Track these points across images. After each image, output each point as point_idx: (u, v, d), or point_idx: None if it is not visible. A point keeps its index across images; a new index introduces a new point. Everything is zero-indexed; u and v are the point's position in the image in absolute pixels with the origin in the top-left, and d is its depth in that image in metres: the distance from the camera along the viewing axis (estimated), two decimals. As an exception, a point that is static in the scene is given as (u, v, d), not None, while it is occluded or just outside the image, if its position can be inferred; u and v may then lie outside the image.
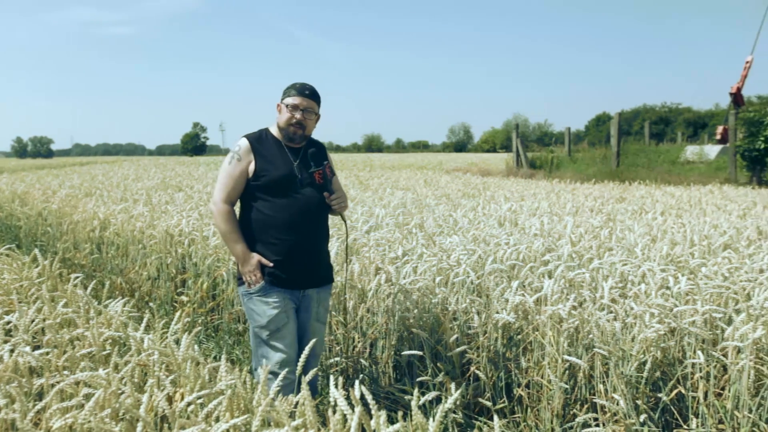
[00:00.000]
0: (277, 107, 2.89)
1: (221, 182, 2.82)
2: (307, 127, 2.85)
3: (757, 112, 17.52)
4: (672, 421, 2.84)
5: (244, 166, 2.79)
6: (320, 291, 2.94)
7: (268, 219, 2.78)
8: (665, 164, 20.54)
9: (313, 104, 2.85)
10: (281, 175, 2.78)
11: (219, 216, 2.80)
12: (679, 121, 60.47)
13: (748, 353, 2.54)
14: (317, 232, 2.89)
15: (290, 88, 2.84)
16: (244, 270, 2.78)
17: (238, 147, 2.82)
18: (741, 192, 11.45)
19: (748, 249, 4.40)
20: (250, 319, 2.86)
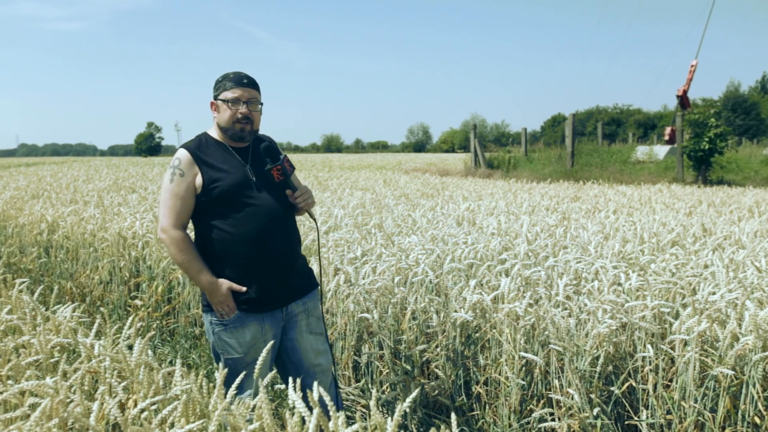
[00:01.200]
0: (211, 106, 2.50)
1: (166, 205, 2.41)
2: (255, 120, 2.48)
3: (701, 114, 18.23)
4: (623, 414, 2.92)
5: (189, 181, 2.40)
6: (306, 301, 2.60)
7: (229, 236, 2.40)
8: (617, 164, 21.15)
9: (256, 93, 2.48)
10: (235, 181, 2.41)
11: (172, 245, 2.39)
12: (630, 122, 62.41)
13: (693, 345, 2.64)
14: (288, 239, 2.53)
15: (224, 80, 2.45)
16: (214, 301, 2.41)
17: (178, 161, 2.42)
18: (688, 191, 11.90)
19: (693, 245, 4.57)
20: (221, 350, 2.49)
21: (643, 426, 2.73)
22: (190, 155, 2.43)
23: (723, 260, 3.89)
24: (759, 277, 3.40)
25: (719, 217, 6.94)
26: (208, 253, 2.45)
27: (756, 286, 3.23)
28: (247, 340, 2.44)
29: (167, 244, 2.42)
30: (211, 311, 2.47)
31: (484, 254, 4.12)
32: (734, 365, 2.61)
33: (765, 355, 2.53)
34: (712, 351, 2.72)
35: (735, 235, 5.08)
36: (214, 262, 2.44)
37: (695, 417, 2.62)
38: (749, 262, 3.75)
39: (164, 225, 2.41)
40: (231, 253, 2.42)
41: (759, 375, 2.56)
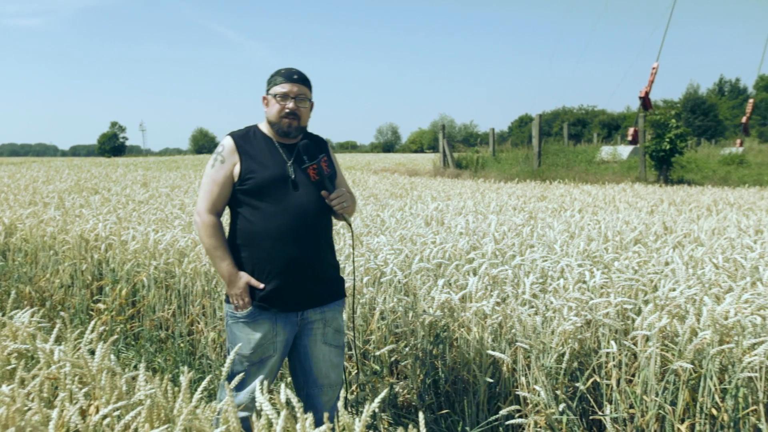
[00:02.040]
0: (263, 101, 2.51)
1: (204, 189, 2.44)
2: (302, 116, 2.46)
3: (662, 115, 18.74)
4: (588, 409, 2.98)
5: (228, 169, 2.41)
6: (325, 310, 2.51)
7: (257, 229, 2.38)
8: (583, 164, 21.58)
9: (305, 90, 2.46)
10: (271, 176, 2.39)
11: (203, 229, 2.41)
12: (594, 122, 63.66)
13: (654, 341, 2.71)
14: (317, 242, 2.46)
15: (275, 75, 2.47)
16: (231, 292, 2.41)
17: (222, 147, 2.45)
18: (650, 190, 12.21)
19: (655, 243, 4.69)
20: (230, 343, 2.49)
21: (607, 420, 2.79)
22: (233, 143, 2.45)
23: (683, 257, 4.00)
24: (716, 273, 3.50)
25: (679, 215, 7.14)
26: (234, 243, 2.45)
27: (713, 282, 3.33)
28: (257, 338, 2.40)
29: (198, 227, 2.45)
30: (229, 301, 2.48)
31: (452, 254, 4.15)
32: (693, 359, 2.68)
33: (721, 348, 2.61)
34: (672, 346, 2.79)
35: (694, 233, 5.23)
36: (238, 252, 2.43)
37: (656, 410, 2.68)
38: (707, 259, 3.86)
39: (199, 208, 2.45)
40: (254, 246, 2.40)
41: (716, 368, 2.64)
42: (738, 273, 3.59)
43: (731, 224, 5.94)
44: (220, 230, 2.43)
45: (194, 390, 3.07)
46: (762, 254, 4.05)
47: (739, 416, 2.59)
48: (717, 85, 70.29)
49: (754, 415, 2.56)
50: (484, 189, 11.69)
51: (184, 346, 4.00)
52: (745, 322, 2.68)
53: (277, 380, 3.48)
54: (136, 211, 6.55)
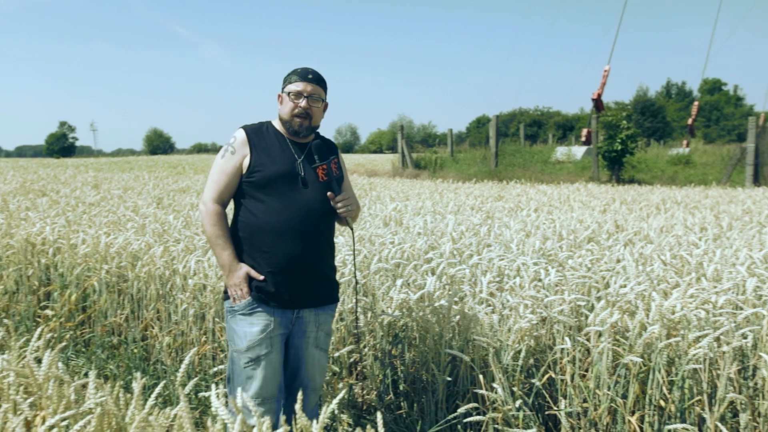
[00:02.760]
0: (278, 98, 2.53)
1: (212, 179, 2.46)
2: (314, 116, 2.47)
3: (614, 117, 19.32)
4: (544, 404, 3.04)
5: (238, 161, 2.43)
6: (319, 312, 2.51)
7: (260, 223, 2.39)
8: (538, 164, 22.03)
9: (319, 90, 2.48)
10: (280, 171, 2.40)
11: (207, 217, 2.42)
12: (550, 123, 65.08)
13: (606, 336, 2.78)
14: (319, 241, 2.47)
15: (291, 74, 2.49)
16: (230, 282, 2.40)
17: (234, 138, 2.47)
18: (603, 189, 12.55)
19: (607, 241, 4.82)
20: (229, 340, 2.47)
21: (562, 415, 2.85)
22: (245, 135, 2.46)
23: (633, 255, 4.13)
24: (664, 270, 3.63)
25: (630, 213, 7.37)
26: (236, 235, 2.45)
27: (661, 278, 3.45)
28: (254, 332, 2.38)
29: (202, 214, 2.45)
30: (227, 297, 2.46)
31: (410, 254, 4.17)
32: (642, 353, 2.77)
33: (669, 342, 2.70)
34: (623, 341, 2.88)
35: (644, 231, 5.40)
36: (239, 244, 2.44)
37: (608, 404, 2.76)
38: (656, 256, 3.99)
39: (205, 197, 2.46)
40: (256, 239, 2.40)
41: (663, 361, 2.73)
42: (684, 269, 3.72)
43: (678, 222, 6.17)
44: (224, 220, 2.44)
45: (148, 396, 2.99)
46: (706, 251, 4.22)
47: (685, 406, 2.69)
48: (665, 88, 72.87)
49: (699, 404, 2.67)
50: (442, 189, 11.80)
51: (138, 351, 3.90)
52: (690, 316, 2.79)
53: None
54: (86, 214, 6.34)
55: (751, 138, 16.94)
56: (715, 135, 50.01)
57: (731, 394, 2.54)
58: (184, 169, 22.63)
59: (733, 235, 5.12)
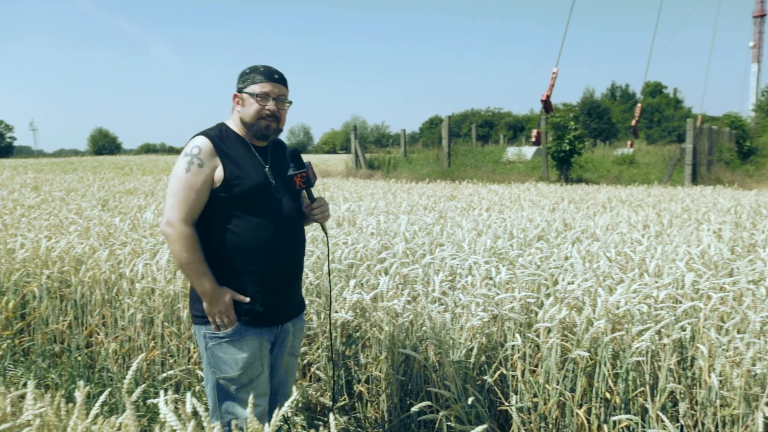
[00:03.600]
0: (234, 99, 2.31)
1: (177, 196, 2.15)
2: (281, 118, 2.31)
3: (562, 118, 19.84)
4: (496, 400, 3.10)
5: (208, 174, 2.17)
6: (295, 322, 2.44)
7: (240, 241, 2.19)
8: (490, 164, 22.41)
9: (285, 90, 2.31)
10: (257, 182, 2.22)
11: (178, 241, 2.14)
12: (501, 124, 66.26)
13: (555, 332, 2.86)
14: (299, 251, 2.38)
15: (252, 73, 2.26)
16: (214, 310, 2.19)
17: (197, 149, 2.18)
18: (552, 188, 12.87)
19: (556, 240, 4.95)
20: (213, 368, 2.26)
21: (513, 410, 2.91)
22: (212, 144, 2.20)
23: (580, 252, 4.24)
24: (609, 266, 3.75)
25: (578, 212, 7.58)
26: (214, 257, 2.21)
27: (607, 274, 3.56)
28: (245, 357, 2.23)
29: (172, 239, 2.16)
30: (206, 323, 2.24)
31: (363, 254, 4.17)
32: (589, 347, 2.86)
33: (614, 336, 2.79)
34: (571, 336, 2.96)
35: (591, 229, 5.57)
36: (219, 266, 2.21)
37: (557, 398, 2.83)
38: (602, 253, 4.12)
39: (172, 218, 2.15)
40: (240, 259, 2.21)
41: (609, 355, 2.82)
42: (628, 265, 3.86)
43: (623, 220, 6.39)
44: (198, 243, 2.18)
45: (91, 405, 2.89)
46: (648, 247, 4.38)
47: (629, 398, 2.79)
48: (610, 90, 75.27)
49: (642, 395, 2.77)
50: (395, 189, 11.86)
51: (82, 359, 3.76)
52: (633, 310, 2.89)
53: (184, 388, 3.36)
54: (25, 217, 6.08)
55: (689, 139, 17.69)
56: (656, 136, 52.05)
57: (671, 384, 2.65)
58: (131, 170, 21.97)
59: (673, 232, 5.34)
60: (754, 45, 64.28)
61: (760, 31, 64.10)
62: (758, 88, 63.96)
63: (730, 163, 22.76)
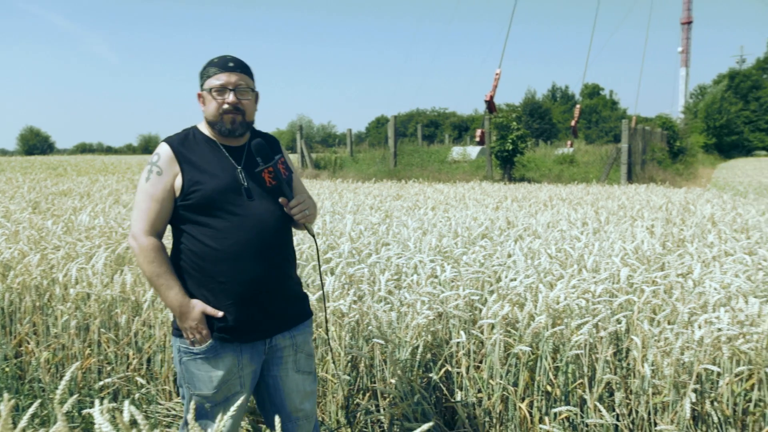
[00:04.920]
0: (198, 98, 2.16)
1: (139, 208, 2.06)
2: (246, 110, 2.11)
3: (505, 118, 20.29)
4: (441, 397, 3.13)
5: (167, 182, 2.04)
6: (295, 334, 2.21)
7: (207, 250, 2.04)
8: (436, 163, 22.68)
9: (246, 78, 2.11)
10: (220, 186, 2.04)
11: (141, 254, 2.03)
12: (446, 124, 67.17)
13: (498, 328, 2.92)
14: (278, 257, 2.14)
15: (207, 66, 2.11)
16: (184, 325, 2.05)
17: (157, 156, 2.07)
18: (496, 187, 13.14)
19: (499, 237, 5.05)
20: (188, 382, 2.11)
21: (458, 406, 2.95)
22: (171, 151, 2.07)
23: (522, 249, 4.35)
24: (550, 262, 3.86)
25: (521, 210, 7.77)
26: (182, 268, 2.08)
27: (547, 271, 3.66)
28: (220, 375, 2.07)
29: (136, 252, 2.04)
30: (180, 335, 2.10)
31: (309, 254, 4.14)
32: (531, 342, 2.93)
33: (554, 330, 2.88)
34: (514, 332, 3.03)
35: (533, 227, 5.72)
36: (188, 278, 2.08)
37: (501, 392, 2.89)
38: (543, 250, 4.24)
39: (134, 230, 2.05)
40: (208, 270, 2.05)
41: (549, 349, 2.91)
42: (567, 261, 3.98)
43: (563, 218, 6.59)
44: (163, 254, 2.06)
45: (20, 418, 2.75)
46: (587, 244, 4.54)
47: (569, 390, 2.88)
48: (550, 92, 77.56)
49: (581, 387, 2.86)
50: (342, 189, 11.83)
51: (10, 370, 3.57)
52: (572, 305, 2.99)
53: (123, 397, 3.24)
54: (-52, 220, 5.72)
55: (624, 139, 18.44)
56: (595, 136, 53.99)
57: (608, 375, 2.75)
58: (65, 171, 21.03)
59: (610, 229, 5.55)
60: (683, 50, 67.64)
61: (688, 37, 67.45)
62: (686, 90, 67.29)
63: (662, 162, 23.87)
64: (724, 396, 2.66)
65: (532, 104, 60.22)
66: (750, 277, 3.54)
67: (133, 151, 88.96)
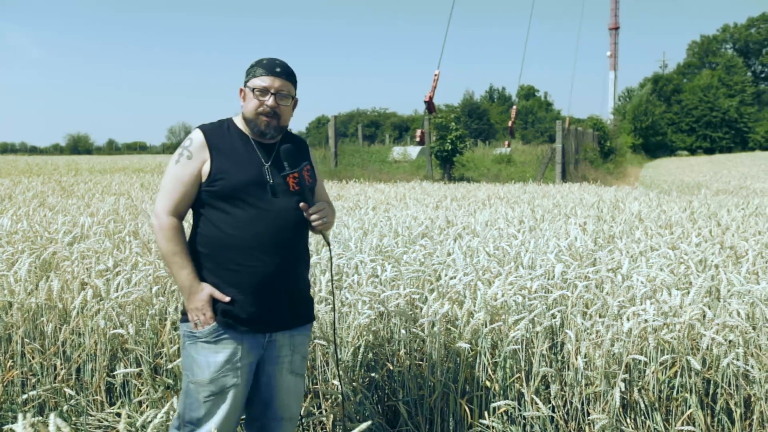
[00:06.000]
0: (239, 93, 2.22)
1: (165, 188, 2.14)
2: (283, 115, 2.19)
3: (444, 119, 20.61)
4: (384, 396, 3.15)
5: (196, 167, 2.12)
6: (294, 334, 2.24)
7: (225, 237, 2.10)
8: (376, 163, 22.77)
9: (289, 85, 2.18)
10: (245, 179, 2.11)
11: (160, 232, 2.11)
12: (387, 124, 67.53)
13: (439, 326, 2.95)
14: (292, 256, 2.20)
15: (255, 66, 2.18)
16: (191, 306, 2.10)
17: (189, 141, 2.15)
18: (436, 187, 13.32)
19: (439, 236, 5.12)
20: (186, 369, 2.17)
21: (400, 405, 2.97)
22: (203, 137, 2.15)
23: (462, 248, 4.42)
24: (488, 260, 3.94)
25: (460, 209, 7.91)
26: (197, 251, 2.15)
27: (486, 268, 3.74)
28: (219, 362, 2.10)
29: (156, 230, 2.13)
30: (186, 320, 2.16)
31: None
32: (470, 339, 2.99)
33: (492, 327, 2.94)
34: (454, 329, 3.07)
35: (472, 225, 5.82)
36: (200, 261, 2.14)
37: (441, 389, 2.93)
38: (481, 248, 4.32)
39: (158, 209, 2.13)
40: (221, 255, 2.12)
41: (488, 345, 2.97)
42: (505, 259, 4.08)
43: (501, 216, 6.75)
44: (181, 235, 2.14)
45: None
46: (523, 241, 4.67)
47: (507, 384, 2.95)
48: (488, 93, 79.36)
49: (518, 381, 2.94)
50: (283, 189, 11.68)
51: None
52: (510, 302, 3.06)
53: (49, 409, 3.09)
54: None
55: (559, 139, 19.10)
56: (531, 136, 55.56)
57: (544, 368, 2.84)
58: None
59: (545, 227, 5.73)
60: (611, 54, 70.71)
61: (616, 42, 70.57)
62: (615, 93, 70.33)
63: (593, 162, 24.87)
64: (650, 384, 2.79)
65: (470, 105, 61.43)
66: (673, 270, 3.73)
67: (60, 151, 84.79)
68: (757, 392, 2.66)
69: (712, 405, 2.81)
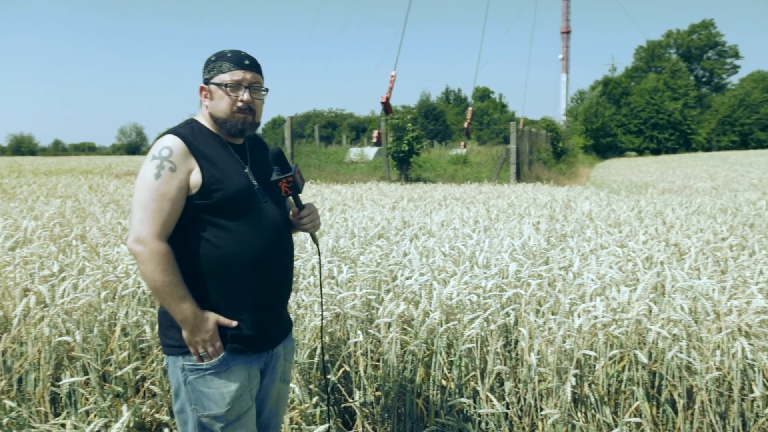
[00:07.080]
0: (201, 92, 2.00)
1: (148, 208, 1.81)
2: (257, 110, 2.00)
3: (401, 120, 20.70)
4: (341, 398, 3.13)
5: (182, 179, 1.84)
6: (286, 343, 2.16)
7: (223, 254, 1.88)
8: (333, 164, 22.68)
9: (259, 78, 2.00)
10: (239, 186, 1.91)
11: (152, 261, 1.80)
12: (344, 125, 67.33)
13: (395, 326, 2.96)
14: (289, 264, 2.08)
15: (219, 60, 1.95)
16: (196, 338, 1.86)
17: (168, 150, 1.85)
18: (393, 187, 13.36)
19: (395, 237, 5.14)
20: (195, 404, 1.92)
21: (357, 406, 2.97)
22: (185, 145, 1.87)
23: (418, 248, 4.45)
24: (444, 260, 3.98)
25: (416, 210, 7.95)
26: (193, 274, 1.88)
27: (441, 268, 3.77)
28: (233, 390, 1.91)
29: (144, 259, 1.80)
30: (183, 353, 1.90)
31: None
32: (426, 339, 3.01)
33: (448, 326, 2.97)
34: (410, 329, 3.09)
35: (428, 226, 5.87)
36: (199, 285, 1.89)
37: (397, 389, 2.94)
38: (437, 248, 4.36)
39: (142, 234, 1.80)
40: (224, 275, 1.89)
41: (444, 344, 3.00)
42: (460, 259, 4.13)
43: (456, 216, 6.82)
44: (174, 261, 1.85)
45: None
46: (478, 241, 4.73)
47: (462, 382, 2.99)
48: (444, 94, 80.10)
49: (474, 379, 2.98)
50: (238, 191, 11.50)
51: None
52: (465, 301, 3.10)
53: None
54: None
55: (513, 140, 19.44)
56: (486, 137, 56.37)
57: (498, 366, 2.88)
58: None
59: (500, 226, 5.82)
60: (563, 57, 72.48)
61: (567, 46, 72.39)
62: (567, 95, 72.13)
63: (547, 162, 25.43)
64: (600, 378, 2.87)
65: (427, 106, 61.83)
66: (621, 267, 3.85)
67: (2, 152, 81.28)
68: (699, 383, 2.76)
69: (657, 397, 2.91)
